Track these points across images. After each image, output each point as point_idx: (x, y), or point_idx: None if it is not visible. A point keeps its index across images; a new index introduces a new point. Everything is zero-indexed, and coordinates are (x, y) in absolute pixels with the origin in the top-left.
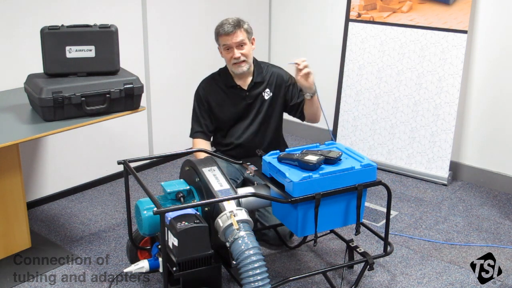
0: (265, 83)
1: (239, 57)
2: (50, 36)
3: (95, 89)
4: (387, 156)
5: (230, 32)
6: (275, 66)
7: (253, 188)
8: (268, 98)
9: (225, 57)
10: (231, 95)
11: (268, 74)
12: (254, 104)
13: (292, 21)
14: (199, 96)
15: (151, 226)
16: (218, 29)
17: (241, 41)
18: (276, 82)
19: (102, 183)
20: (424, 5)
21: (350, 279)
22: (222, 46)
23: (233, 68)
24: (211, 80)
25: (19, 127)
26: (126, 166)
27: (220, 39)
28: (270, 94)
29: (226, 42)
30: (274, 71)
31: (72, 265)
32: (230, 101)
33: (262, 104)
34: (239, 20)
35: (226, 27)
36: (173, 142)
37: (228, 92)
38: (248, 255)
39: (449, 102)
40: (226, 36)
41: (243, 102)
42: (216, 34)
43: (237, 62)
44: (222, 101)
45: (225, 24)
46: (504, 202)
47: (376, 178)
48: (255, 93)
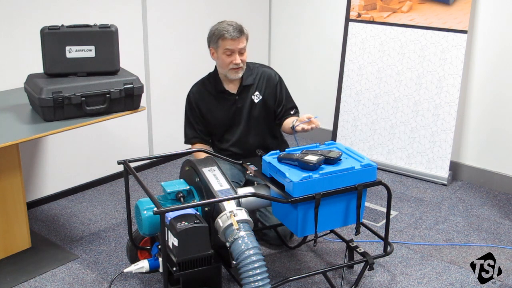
0: (254, 86)
1: (239, 63)
2: (50, 36)
3: (95, 89)
4: (387, 156)
5: (236, 37)
6: (264, 66)
7: (253, 188)
8: (258, 101)
9: (222, 61)
10: (221, 100)
11: (257, 76)
12: (244, 108)
13: (292, 21)
14: (190, 102)
15: (151, 226)
16: (221, 32)
17: (244, 48)
18: (266, 83)
19: (102, 183)
20: (424, 5)
21: (350, 279)
22: (223, 49)
23: (229, 73)
24: (201, 85)
25: (19, 127)
26: (126, 166)
27: (223, 42)
28: (260, 96)
29: (230, 47)
30: (264, 71)
31: (72, 265)
32: (221, 107)
33: (252, 108)
34: (241, 25)
35: (233, 32)
36: (173, 142)
37: (218, 97)
38: (248, 255)
39: (449, 102)
40: (232, 41)
41: (233, 106)
42: (218, 36)
43: (236, 67)
44: (212, 107)
45: (229, 28)
46: (504, 202)
47: (376, 178)
48: (245, 96)
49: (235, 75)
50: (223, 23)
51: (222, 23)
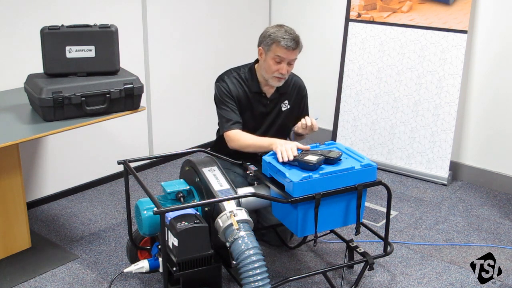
0: (286, 94)
1: (285, 73)
2: (50, 36)
3: (95, 89)
4: (387, 156)
5: (291, 48)
6: (295, 75)
7: (253, 188)
8: (285, 110)
9: (269, 66)
10: (254, 101)
11: (291, 84)
12: (271, 114)
13: (292, 21)
14: (229, 92)
15: (151, 226)
16: (278, 38)
17: (294, 60)
18: (297, 93)
19: (102, 183)
20: (424, 5)
21: (350, 279)
22: (274, 55)
23: (271, 80)
24: (240, 79)
25: (19, 127)
26: (126, 166)
27: (277, 49)
28: (287, 106)
29: (283, 55)
30: (296, 80)
31: (72, 265)
32: (251, 107)
33: (278, 115)
34: (298, 36)
35: (290, 42)
36: (173, 142)
37: (251, 98)
38: (248, 255)
39: (449, 102)
40: (286, 50)
41: (262, 109)
42: (273, 40)
43: (280, 77)
44: (245, 105)
45: (287, 36)
46: (504, 202)
47: (376, 178)
48: (276, 103)
49: (277, 83)
50: (282, 28)
51: (281, 28)
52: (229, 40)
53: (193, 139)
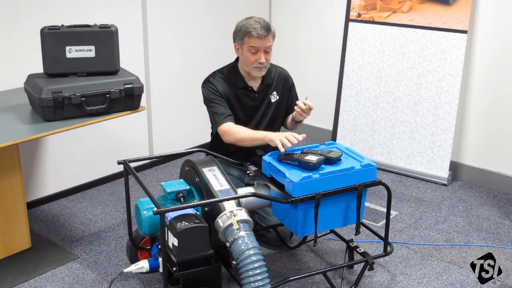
0: (273, 86)
1: (264, 62)
2: (50, 36)
3: (95, 89)
4: (387, 156)
5: (263, 35)
6: (278, 66)
7: (253, 188)
8: (274, 101)
9: (247, 58)
10: (242, 96)
11: (276, 75)
12: (260, 106)
13: (292, 21)
14: (217, 90)
15: (151, 226)
16: (248, 28)
17: (269, 46)
18: (283, 84)
19: (102, 183)
20: (424, 5)
21: (350, 279)
22: (248, 46)
23: (253, 71)
24: (223, 77)
25: (19, 127)
26: (126, 166)
27: (249, 39)
28: (276, 97)
29: (257, 45)
30: (280, 71)
31: (72, 265)
32: (240, 103)
33: (268, 107)
34: (268, 23)
35: (260, 30)
36: (173, 142)
37: (239, 93)
38: (248, 255)
39: (449, 102)
40: (258, 39)
41: (251, 103)
42: (244, 33)
43: (260, 66)
44: (234, 102)
45: (256, 25)
46: (504, 202)
47: (376, 178)
48: (264, 95)
49: (258, 73)
50: (250, 19)
51: (250, 19)
52: (229, 40)
53: (193, 139)
